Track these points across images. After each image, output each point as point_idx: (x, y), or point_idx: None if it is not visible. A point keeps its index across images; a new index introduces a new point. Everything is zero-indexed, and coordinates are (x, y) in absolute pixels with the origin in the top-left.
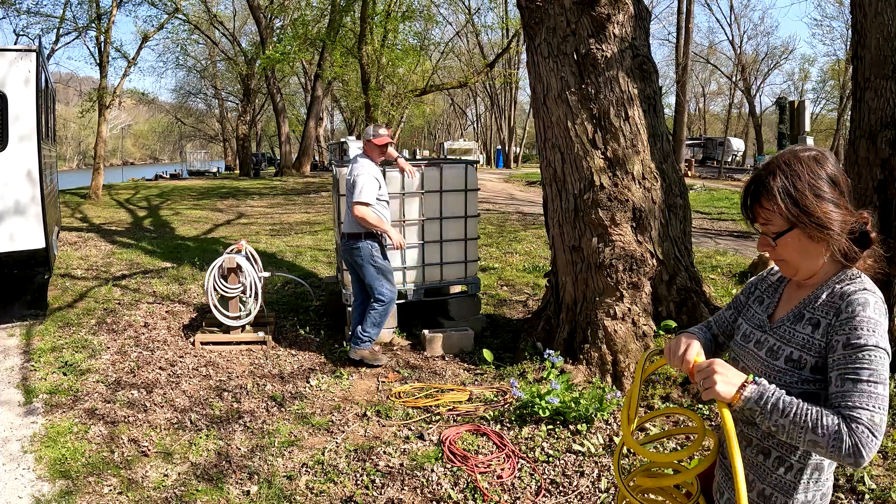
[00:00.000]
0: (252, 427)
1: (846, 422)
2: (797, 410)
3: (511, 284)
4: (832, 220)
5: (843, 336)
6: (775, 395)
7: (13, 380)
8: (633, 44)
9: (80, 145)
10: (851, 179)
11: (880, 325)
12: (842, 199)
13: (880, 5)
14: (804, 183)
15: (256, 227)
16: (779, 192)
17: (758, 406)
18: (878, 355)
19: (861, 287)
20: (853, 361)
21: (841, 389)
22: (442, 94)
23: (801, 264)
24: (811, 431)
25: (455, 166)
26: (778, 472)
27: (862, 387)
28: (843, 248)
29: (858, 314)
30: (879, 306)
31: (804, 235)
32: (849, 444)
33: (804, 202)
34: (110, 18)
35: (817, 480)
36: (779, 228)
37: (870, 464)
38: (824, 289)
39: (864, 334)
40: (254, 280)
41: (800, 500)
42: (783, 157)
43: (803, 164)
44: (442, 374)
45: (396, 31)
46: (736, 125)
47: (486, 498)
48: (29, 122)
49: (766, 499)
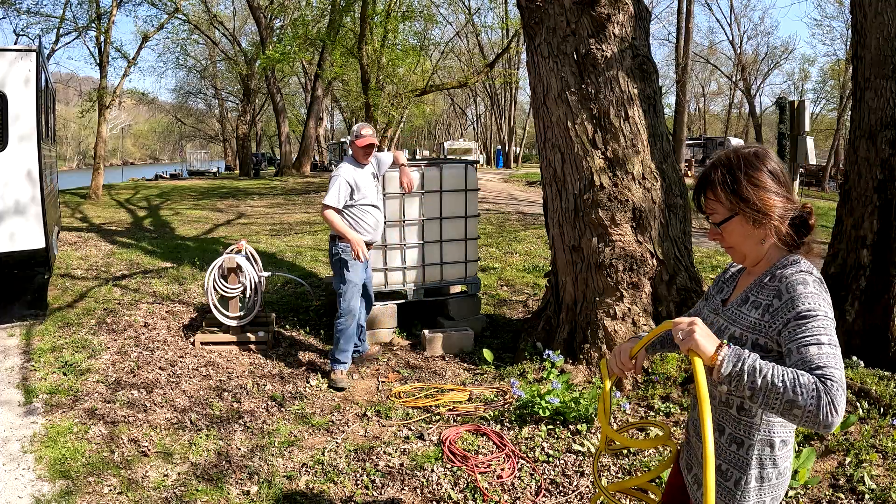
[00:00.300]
0: (252, 427)
1: (821, 380)
2: (774, 370)
3: (511, 284)
4: (770, 206)
5: (792, 312)
6: (752, 356)
7: (13, 380)
8: (633, 44)
9: (80, 145)
10: (851, 179)
11: (821, 297)
12: (780, 189)
13: (880, 5)
14: (742, 174)
15: (256, 227)
16: (719, 183)
17: (734, 367)
18: (828, 323)
19: (798, 269)
20: (809, 329)
21: (804, 356)
22: (442, 94)
23: (747, 250)
24: (790, 391)
25: (455, 166)
26: (731, 449)
27: (825, 349)
28: (782, 233)
29: (799, 292)
30: (818, 283)
31: (746, 222)
32: (826, 400)
33: (742, 191)
34: (110, 18)
35: (770, 457)
36: (722, 217)
37: (869, 463)
38: (767, 274)
39: (811, 305)
40: (254, 280)
41: (753, 475)
42: (725, 153)
43: (742, 159)
44: (442, 374)
45: (396, 31)
46: (736, 125)
47: (486, 498)
48: (29, 122)
49: (722, 474)
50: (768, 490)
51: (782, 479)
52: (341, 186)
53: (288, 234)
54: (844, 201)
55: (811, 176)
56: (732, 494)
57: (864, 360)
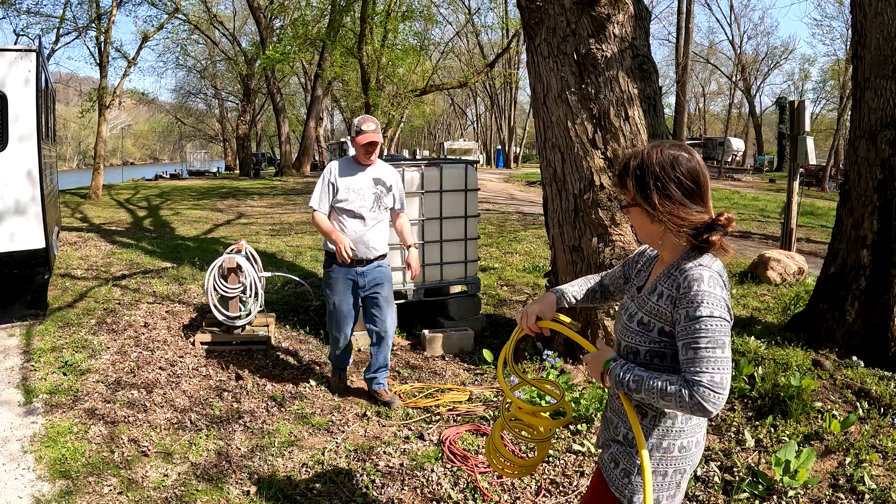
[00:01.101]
0: (252, 427)
1: (688, 385)
2: (647, 385)
3: (511, 284)
4: (664, 213)
5: (684, 310)
6: (628, 376)
7: (13, 380)
8: (633, 44)
9: (80, 145)
10: (851, 179)
11: (714, 296)
12: (686, 199)
13: (880, 5)
14: (654, 172)
15: (256, 227)
16: (631, 173)
17: (620, 386)
18: (714, 324)
19: (697, 264)
20: (693, 332)
21: (685, 357)
22: (442, 94)
23: (644, 238)
24: (660, 399)
25: (455, 166)
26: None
27: (701, 353)
28: (676, 237)
29: (693, 289)
30: (714, 279)
31: (643, 214)
32: (691, 403)
33: (646, 187)
34: (110, 18)
35: (671, 428)
36: (626, 202)
37: (869, 463)
38: (673, 265)
39: (700, 307)
40: (254, 280)
41: (652, 443)
42: (651, 145)
43: (662, 156)
44: (442, 374)
45: (396, 31)
46: (736, 125)
47: (486, 498)
48: (29, 122)
49: (629, 442)
50: (670, 462)
51: (686, 454)
52: (320, 186)
53: (288, 234)
54: (844, 201)
55: (811, 176)
56: (633, 458)
57: (864, 360)
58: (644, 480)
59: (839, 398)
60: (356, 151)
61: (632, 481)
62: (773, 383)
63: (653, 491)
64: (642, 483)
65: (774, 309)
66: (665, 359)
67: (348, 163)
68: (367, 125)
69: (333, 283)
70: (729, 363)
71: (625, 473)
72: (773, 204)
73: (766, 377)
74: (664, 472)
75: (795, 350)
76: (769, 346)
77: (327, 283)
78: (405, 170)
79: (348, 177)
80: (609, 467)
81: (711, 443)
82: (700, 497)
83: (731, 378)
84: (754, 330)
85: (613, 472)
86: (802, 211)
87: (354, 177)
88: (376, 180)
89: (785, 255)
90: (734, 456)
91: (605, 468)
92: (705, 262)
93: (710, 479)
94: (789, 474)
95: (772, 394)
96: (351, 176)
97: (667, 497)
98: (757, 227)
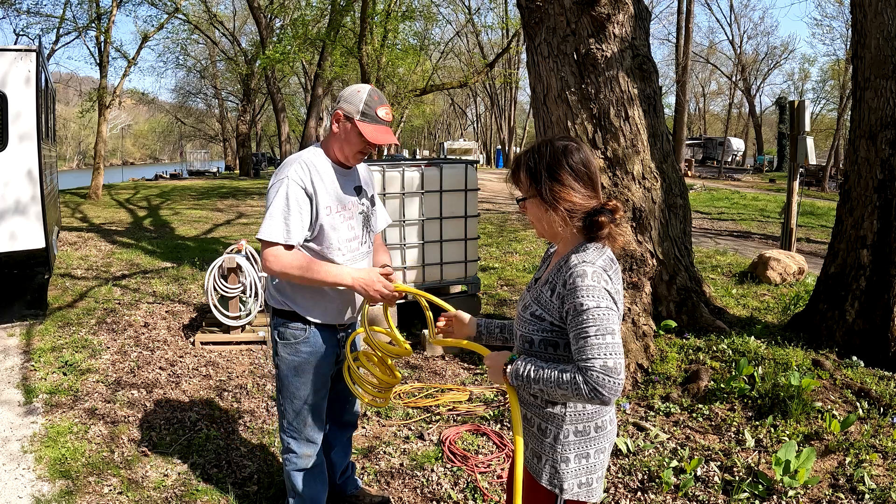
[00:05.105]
0: (252, 427)
1: (581, 372)
2: (544, 377)
3: (511, 284)
4: (559, 199)
5: (571, 304)
6: (526, 372)
7: (13, 380)
8: (633, 44)
9: (80, 145)
10: (851, 179)
11: (598, 289)
12: (578, 185)
13: (880, 5)
14: (544, 163)
15: (256, 227)
16: (523, 166)
17: (518, 378)
18: (600, 313)
19: (582, 260)
20: (581, 323)
21: (577, 347)
22: (442, 94)
23: (543, 230)
24: (557, 388)
25: (455, 166)
26: (547, 409)
27: (591, 341)
28: (569, 225)
29: (577, 284)
30: (598, 274)
31: (538, 205)
32: (586, 389)
33: (538, 178)
34: (110, 18)
35: (583, 411)
36: (522, 195)
37: (869, 463)
38: (563, 259)
39: (585, 300)
40: (254, 280)
41: (570, 430)
42: (540, 141)
43: (552, 148)
44: (442, 374)
45: (396, 31)
46: (736, 125)
47: (486, 498)
48: (29, 121)
49: (542, 431)
50: (591, 443)
51: (603, 433)
52: (283, 204)
53: None
54: (844, 201)
55: (811, 176)
56: (553, 447)
57: (864, 360)
58: (515, 460)
59: (839, 398)
60: (344, 145)
61: (552, 466)
62: (773, 383)
63: (582, 475)
64: (540, 467)
65: (774, 309)
66: (559, 348)
67: (322, 163)
68: (384, 110)
69: (304, 364)
70: (620, 349)
71: (545, 461)
72: (773, 204)
73: (766, 377)
74: (586, 454)
75: (795, 350)
76: (769, 345)
77: (292, 365)
78: (405, 170)
79: (331, 187)
80: (532, 462)
81: (711, 443)
82: (700, 497)
83: (732, 378)
84: (754, 330)
85: (536, 465)
86: (802, 211)
87: (338, 188)
88: (359, 190)
89: (785, 254)
90: (734, 456)
91: (528, 463)
92: (590, 257)
93: (710, 479)
94: (789, 474)
95: (772, 394)
96: (334, 186)
97: (597, 479)
98: (757, 226)
